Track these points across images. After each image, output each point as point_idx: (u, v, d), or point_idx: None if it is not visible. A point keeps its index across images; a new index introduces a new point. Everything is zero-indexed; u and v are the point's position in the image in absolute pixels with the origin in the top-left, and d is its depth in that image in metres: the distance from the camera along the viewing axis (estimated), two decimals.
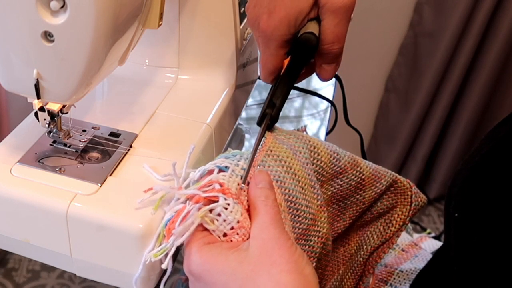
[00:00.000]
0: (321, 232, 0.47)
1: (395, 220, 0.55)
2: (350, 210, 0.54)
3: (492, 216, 0.41)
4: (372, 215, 0.55)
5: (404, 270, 0.61)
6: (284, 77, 0.54)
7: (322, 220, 0.47)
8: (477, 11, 1.55)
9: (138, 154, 0.55)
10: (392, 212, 0.55)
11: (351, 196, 0.53)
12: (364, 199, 0.53)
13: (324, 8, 0.52)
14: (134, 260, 0.49)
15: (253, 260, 0.38)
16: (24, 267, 0.57)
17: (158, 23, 0.54)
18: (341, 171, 0.51)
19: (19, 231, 0.52)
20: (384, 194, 0.55)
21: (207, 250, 0.40)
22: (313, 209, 0.46)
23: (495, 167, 0.44)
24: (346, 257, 0.56)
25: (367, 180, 0.52)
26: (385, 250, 0.56)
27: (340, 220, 0.54)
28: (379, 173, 0.53)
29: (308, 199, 0.46)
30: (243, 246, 0.40)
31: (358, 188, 0.53)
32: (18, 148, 0.54)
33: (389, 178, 0.54)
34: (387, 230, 0.55)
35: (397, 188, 0.54)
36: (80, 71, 0.47)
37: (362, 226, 0.56)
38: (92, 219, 0.48)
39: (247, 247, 0.40)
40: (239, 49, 0.67)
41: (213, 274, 0.39)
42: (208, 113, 0.62)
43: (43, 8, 0.44)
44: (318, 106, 0.91)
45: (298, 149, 0.48)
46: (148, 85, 0.66)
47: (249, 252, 0.39)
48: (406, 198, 0.55)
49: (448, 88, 1.71)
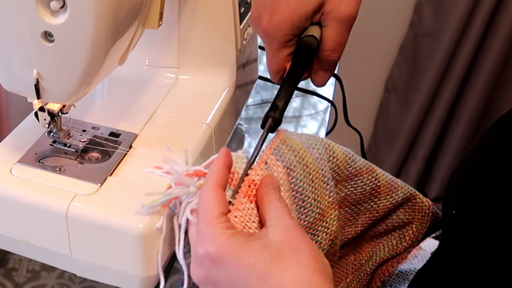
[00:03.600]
0: (329, 229, 0.46)
1: (408, 236, 0.55)
2: (363, 216, 0.53)
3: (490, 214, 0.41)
4: (386, 227, 0.55)
5: (403, 270, 0.60)
6: (286, 79, 0.54)
7: (332, 217, 0.47)
8: (477, 11, 1.55)
9: (138, 154, 0.55)
10: (407, 228, 0.55)
11: (364, 202, 0.53)
12: (378, 207, 0.53)
13: (329, 15, 0.52)
14: (134, 260, 0.49)
15: (278, 246, 0.38)
16: (24, 267, 0.57)
17: (158, 23, 0.54)
18: (357, 173, 0.51)
19: (19, 231, 0.52)
20: (401, 208, 0.54)
21: (231, 234, 0.39)
22: (323, 204, 0.46)
23: (493, 165, 0.44)
24: (356, 266, 0.56)
25: (383, 188, 0.52)
26: (394, 264, 0.55)
27: (351, 225, 0.53)
28: (396, 184, 0.53)
29: (318, 193, 0.46)
30: (260, 235, 0.40)
31: (373, 195, 0.52)
32: (18, 148, 0.54)
33: (407, 192, 0.53)
34: (399, 245, 0.55)
35: (416, 204, 0.54)
36: (80, 71, 0.47)
37: (375, 237, 0.56)
38: (92, 219, 0.48)
39: (266, 234, 0.39)
40: (239, 49, 0.67)
41: (240, 256, 0.38)
42: (208, 113, 0.62)
43: (43, 8, 0.44)
44: (317, 106, 0.91)
45: (312, 145, 0.49)
46: (148, 85, 0.66)
47: (271, 239, 0.39)
48: (423, 216, 0.54)
49: (448, 88, 1.71)
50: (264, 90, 0.92)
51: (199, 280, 0.40)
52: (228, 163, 0.45)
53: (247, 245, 0.39)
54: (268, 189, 0.43)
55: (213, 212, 0.41)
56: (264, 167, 0.45)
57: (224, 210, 0.41)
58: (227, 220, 0.41)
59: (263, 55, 0.76)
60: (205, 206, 0.41)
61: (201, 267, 0.40)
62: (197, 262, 0.40)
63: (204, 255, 0.39)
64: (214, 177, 0.43)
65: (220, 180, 0.43)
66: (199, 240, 0.40)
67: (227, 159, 0.45)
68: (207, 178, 0.43)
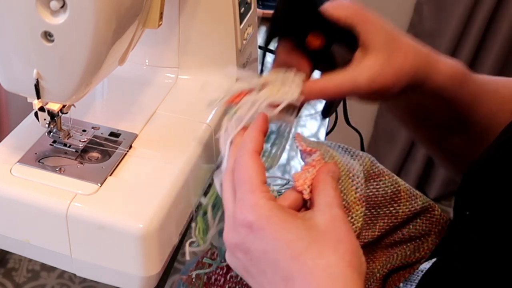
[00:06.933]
0: (355, 225, 0.46)
1: (423, 248, 0.55)
2: (381, 221, 0.53)
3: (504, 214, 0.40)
4: (402, 236, 0.55)
5: None
6: None
7: (358, 213, 0.46)
8: (477, 11, 1.55)
9: (138, 154, 0.55)
10: (423, 240, 0.55)
11: (384, 206, 0.52)
12: (397, 213, 0.53)
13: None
14: (134, 260, 0.49)
15: (320, 230, 0.38)
16: (24, 267, 0.57)
17: (158, 23, 0.54)
18: (379, 173, 0.51)
19: (19, 231, 0.52)
20: (418, 218, 0.54)
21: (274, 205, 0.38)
22: (349, 198, 0.46)
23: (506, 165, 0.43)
24: (369, 275, 0.56)
25: (403, 194, 0.52)
26: (405, 275, 0.55)
27: (369, 229, 0.53)
28: (414, 191, 0.53)
29: (344, 185, 0.46)
30: (306, 216, 0.39)
31: (393, 200, 0.52)
32: (18, 148, 0.54)
33: (425, 201, 0.53)
34: (412, 255, 0.55)
35: (434, 216, 0.54)
36: (80, 71, 0.47)
37: (391, 246, 0.56)
38: (92, 219, 0.48)
39: (311, 217, 0.39)
40: (239, 49, 0.67)
41: (280, 229, 0.37)
42: (208, 113, 0.62)
43: (43, 8, 0.44)
44: (317, 106, 0.91)
45: (331, 145, 0.48)
46: (148, 85, 0.66)
47: (315, 222, 0.38)
48: (440, 229, 0.54)
49: None
50: None
51: (231, 245, 0.40)
52: (265, 128, 0.43)
53: (289, 220, 0.38)
54: (327, 176, 0.42)
55: (256, 180, 0.39)
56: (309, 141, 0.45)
57: (264, 178, 0.40)
58: (268, 191, 0.40)
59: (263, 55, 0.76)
60: (247, 173, 0.40)
61: (236, 233, 0.39)
62: (234, 227, 0.39)
63: (243, 222, 0.38)
64: (252, 143, 0.41)
65: (258, 147, 0.41)
66: (240, 206, 0.39)
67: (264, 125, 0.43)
68: (244, 144, 0.42)
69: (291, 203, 0.41)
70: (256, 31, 0.75)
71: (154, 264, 0.49)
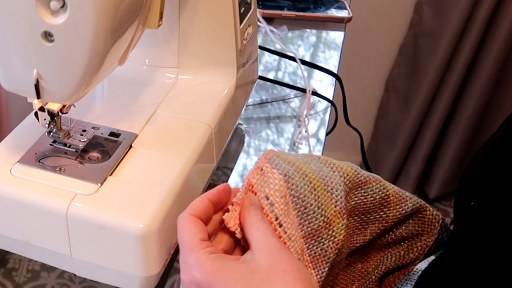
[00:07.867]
0: (336, 238, 0.46)
1: (416, 248, 0.55)
2: (372, 226, 0.53)
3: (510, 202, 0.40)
4: (395, 237, 0.55)
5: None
6: None
7: (340, 226, 0.47)
8: (477, 11, 1.55)
9: (138, 154, 0.55)
10: (416, 240, 0.55)
11: (374, 212, 0.53)
12: (388, 217, 0.53)
13: None
14: (134, 260, 0.49)
15: (264, 269, 0.38)
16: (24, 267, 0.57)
17: (158, 23, 0.54)
18: (366, 181, 0.51)
19: (19, 231, 0.52)
20: (410, 219, 0.54)
21: (216, 259, 0.39)
22: (328, 212, 0.46)
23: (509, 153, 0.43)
24: (363, 274, 0.56)
25: (392, 198, 0.52)
26: (400, 276, 0.55)
27: (360, 233, 0.53)
28: (404, 194, 0.53)
29: (321, 201, 0.46)
30: (246, 258, 0.40)
31: (383, 205, 0.52)
32: (18, 148, 0.54)
33: (416, 202, 0.53)
34: (406, 256, 0.55)
35: (425, 216, 0.54)
36: (80, 71, 0.47)
37: (384, 246, 0.56)
38: (92, 219, 0.48)
39: (252, 258, 0.39)
40: (239, 49, 0.67)
41: (227, 282, 0.38)
42: (208, 113, 0.62)
43: (43, 8, 0.44)
44: (317, 106, 0.91)
45: (307, 162, 0.48)
46: (148, 85, 0.66)
47: (257, 262, 0.39)
48: (432, 229, 0.54)
49: (448, 88, 1.71)
50: (264, 90, 0.92)
51: None
52: (215, 198, 0.44)
53: (234, 269, 0.38)
54: (250, 211, 0.42)
55: (193, 239, 0.41)
56: (259, 173, 0.45)
57: (203, 236, 0.41)
58: (209, 245, 0.41)
59: (263, 55, 0.76)
60: (184, 235, 0.41)
61: None
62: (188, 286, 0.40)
63: (192, 281, 0.39)
64: (191, 207, 0.43)
65: (196, 209, 0.43)
66: (184, 268, 0.40)
67: (217, 194, 0.44)
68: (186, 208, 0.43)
69: (225, 246, 0.43)
70: (256, 31, 0.75)
71: (154, 264, 0.49)
